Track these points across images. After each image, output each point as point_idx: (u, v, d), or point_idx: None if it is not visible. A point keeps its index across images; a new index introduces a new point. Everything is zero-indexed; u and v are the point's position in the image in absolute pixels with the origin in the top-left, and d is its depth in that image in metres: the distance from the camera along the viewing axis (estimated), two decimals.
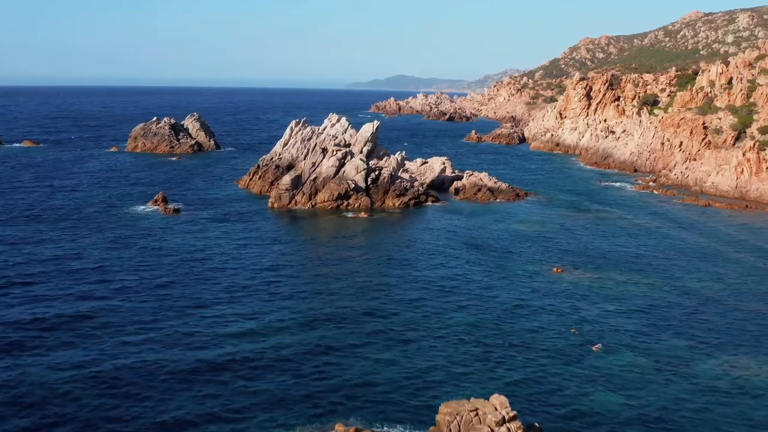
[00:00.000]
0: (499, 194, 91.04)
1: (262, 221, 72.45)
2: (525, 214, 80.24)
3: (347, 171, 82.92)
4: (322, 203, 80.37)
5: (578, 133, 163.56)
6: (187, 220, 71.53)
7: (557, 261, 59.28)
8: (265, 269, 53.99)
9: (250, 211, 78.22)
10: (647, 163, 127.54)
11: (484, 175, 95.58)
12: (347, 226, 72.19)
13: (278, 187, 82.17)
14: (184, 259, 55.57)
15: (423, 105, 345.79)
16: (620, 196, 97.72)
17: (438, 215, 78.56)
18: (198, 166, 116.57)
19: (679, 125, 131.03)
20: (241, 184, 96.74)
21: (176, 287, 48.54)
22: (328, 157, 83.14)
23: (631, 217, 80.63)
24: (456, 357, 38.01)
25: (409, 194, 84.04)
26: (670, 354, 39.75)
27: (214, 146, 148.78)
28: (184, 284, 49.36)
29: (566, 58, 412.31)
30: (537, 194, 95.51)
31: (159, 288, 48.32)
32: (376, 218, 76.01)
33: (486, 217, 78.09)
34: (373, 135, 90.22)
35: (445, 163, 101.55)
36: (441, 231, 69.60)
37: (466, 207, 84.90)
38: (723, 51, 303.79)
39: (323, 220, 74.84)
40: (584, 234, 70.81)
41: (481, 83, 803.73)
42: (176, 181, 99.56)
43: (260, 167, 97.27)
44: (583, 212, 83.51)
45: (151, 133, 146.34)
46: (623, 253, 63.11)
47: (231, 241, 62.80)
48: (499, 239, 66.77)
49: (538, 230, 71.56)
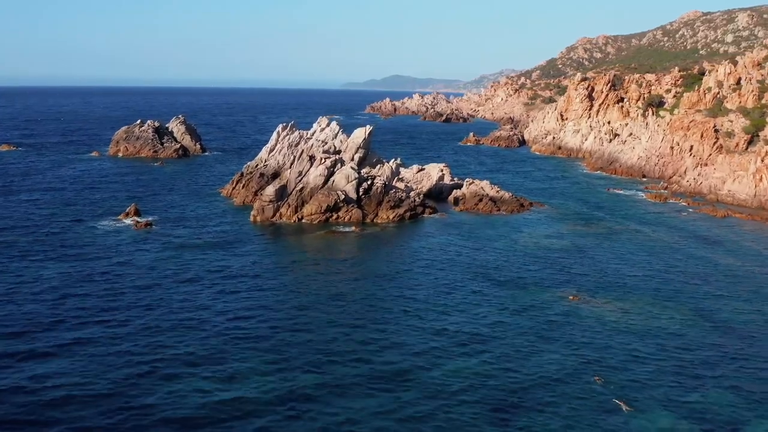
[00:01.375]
0: (501, 205, 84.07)
1: (241, 239, 65.36)
2: (531, 229, 73.28)
3: (337, 181, 75.91)
4: (309, 216, 73.36)
5: (581, 135, 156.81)
6: (158, 238, 64.40)
7: (571, 286, 52.43)
8: (239, 313, 46.95)
9: (230, 226, 71.18)
10: (656, 169, 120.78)
11: (486, 184, 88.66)
12: (335, 244, 65.17)
13: (261, 198, 75.10)
14: (142, 300, 48.15)
15: (419, 106, 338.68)
16: (631, 205, 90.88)
17: (436, 230, 71.54)
18: (180, 173, 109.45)
19: (689, 128, 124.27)
20: (224, 193, 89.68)
21: (125, 342, 41.47)
22: (315, 166, 76.06)
23: (648, 231, 73.71)
24: (460, 424, 31.12)
25: (404, 206, 77.05)
26: (715, 414, 32.93)
27: (200, 150, 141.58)
28: (135, 339, 42.30)
29: (563, 57, 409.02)
30: (542, 204, 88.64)
31: (96, 342, 41.28)
32: (367, 233, 69.03)
33: (489, 232, 71.11)
34: (365, 141, 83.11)
35: (443, 170, 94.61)
36: (440, 251, 62.41)
37: (467, 220, 77.91)
38: (723, 51, 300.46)
39: (309, 236, 67.78)
40: (598, 252, 63.87)
41: (477, 83, 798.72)
42: (154, 189, 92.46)
43: (244, 175, 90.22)
44: (593, 225, 76.62)
45: (133, 137, 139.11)
46: (645, 276, 56.14)
47: (203, 267, 55.61)
48: (506, 260, 59.74)
49: (547, 248, 64.57)
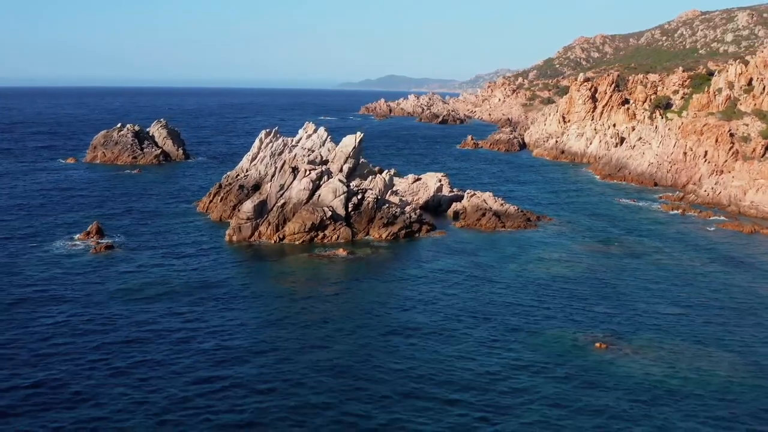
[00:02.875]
0: (506, 219, 76.04)
1: (213, 265, 57.17)
2: (541, 250, 65.18)
3: (323, 195, 67.81)
4: (292, 236, 65.24)
5: (585, 139, 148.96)
6: (116, 266, 56.16)
7: (594, 325, 44.49)
8: (201, 373, 38.91)
9: (203, 247, 63.06)
10: (668, 176, 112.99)
11: (488, 196, 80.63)
12: (319, 270, 56.99)
13: (238, 215, 66.93)
14: (82, 353, 40.19)
15: (414, 106, 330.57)
16: (648, 219, 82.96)
17: (434, 253, 63.34)
18: (157, 182, 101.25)
19: (702, 132, 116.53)
20: (200, 207, 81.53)
21: (54, 412, 33.38)
22: (299, 179, 67.89)
23: (672, 252, 65.74)
24: None
25: (398, 223, 68.98)
26: None
27: (183, 156, 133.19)
28: (70, 405, 34.17)
29: (561, 57, 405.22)
30: (550, 218, 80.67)
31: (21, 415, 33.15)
32: (357, 257, 60.91)
33: (494, 254, 63.02)
34: (355, 149, 74.97)
35: (441, 180, 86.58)
36: (439, 282, 53.98)
37: (469, 238, 69.81)
38: (723, 50, 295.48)
39: (290, 260, 59.60)
40: (620, 280, 55.85)
41: (472, 83, 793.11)
42: (125, 202, 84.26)
43: (222, 187, 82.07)
44: (609, 244, 68.64)
45: (112, 142, 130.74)
46: (682, 313, 47.83)
47: (162, 310, 47.44)
48: (515, 294, 51.47)
49: (562, 276, 56.43)
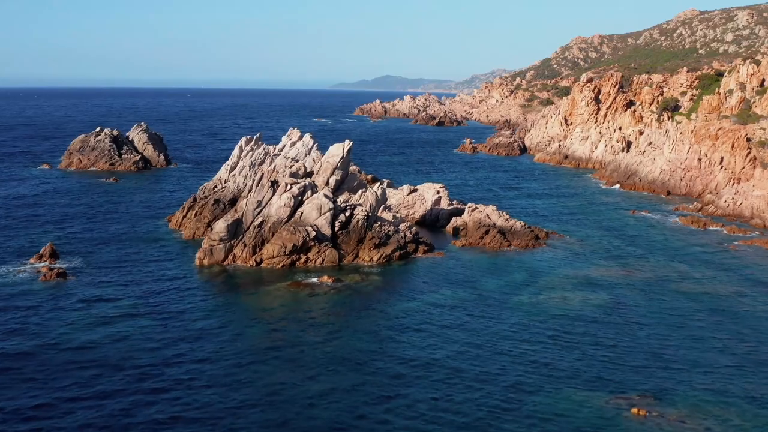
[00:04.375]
0: (512, 237, 68.25)
1: (175, 298, 49.22)
2: (553, 276, 57.24)
3: (306, 213, 59.91)
4: (270, 259, 57.36)
5: (590, 143, 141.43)
6: (65, 296, 48.24)
7: (627, 382, 36.73)
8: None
9: (168, 273, 55.14)
10: (682, 184, 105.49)
11: (491, 210, 72.86)
12: (300, 304, 49.03)
13: (210, 236, 58.96)
14: None
15: (410, 108, 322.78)
16: (667, 234, 75.28)
17: (432, 280, 55.29)
18: (131, 192, 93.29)
19: (717, 137, 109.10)
20: (173, 223, 73.59)
21: None
22: (279, 194, 59.94)
23: (702, 277, 57.95)
24: None
25: (392, 243, 61.13)
26: None
27: (164, 162, 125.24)
28: None
29: (558, 57, 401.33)
30: (560, 235, 72.91)
31: None
32: (344, 285, 53.00)
33: (500, 282, 55.08)
34: (343, 160, 67.07)
35: (440, 191, 78.78)
36: (436, 320, 45.74)
37: (471, 261, 61.93)
38: (723, 50, 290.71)
39: (267, 291, 51.60)
40: (649, 316, 47.91)
41: (468, 83, 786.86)
42: (91, 216, 76.30)
43: (196, 200, 74.18)
44: (629, 267, 60.87)
45: (88, 148, 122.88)
46: (735, 365, 39.75)
47: (111, 354, 39.65)
48: (526, 337, 43.41)
49: (580, 312, 48.37)
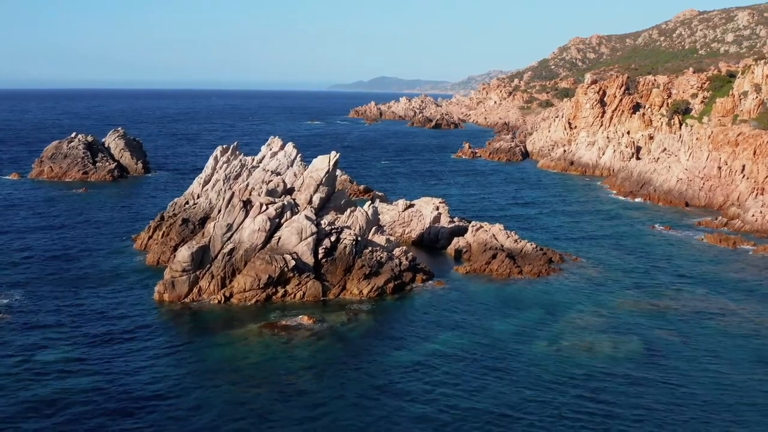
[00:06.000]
0: (523, 262, 59.65)
1: (130, 345, 40.60)
2: (574, 311, 48.61)
3: (284, 238, 51.27)
4: (242, 294, 48.71)
5: (597, 148, 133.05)
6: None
7: None
8: None
9: (122, 310, 46.52)
10: (701, 194, 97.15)
11: (498, 229, 64.31)
12: (274, 354, 40.26)
13: (171, 266, 50.26)
14: None
15: (406, 110, 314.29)
16: (694, 256, 66.74)
17: (434, 321, 46.47)
18: (100, 205, 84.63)
19: (738, 143, 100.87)
20: (138, 244, 64.94)
21: None
22: (252, 216, 51.27)
23: (743, 311, 49.13)
24: None
25: (385, 272, 52.49)
26: None
27: (142, 170, 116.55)
28: None
29: (556, 58, 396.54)
30: (575, 257, 64.37)
31: None
32: (327, 328, 44.31)
33: (512, 323, 46.33)
34: (329, 175, 58.41)
35: (439, 207, 70.21)
36: (442, 389, 37.28)
37: (476, 292, 53.25)
38: (723, 50, 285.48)
39: (236, 337, 42.79)
40: (692, 377, 39.44)
41: (465, 84, 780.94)
42: (44, 237, 67.53)
43: (164, 219, 65.55)
44: (660, 299, 52.29)
45: (60, 155, 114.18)
46: None
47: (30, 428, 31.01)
48: (550, 411, 34.69)
49: (612, 366, 39.70)
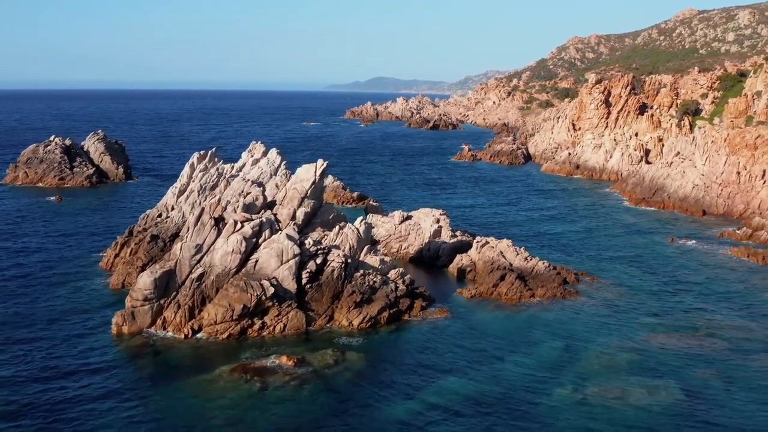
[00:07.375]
0: (535, 284, 52.87)
1: (78, 392, 33.73)
2: (597, 348, 41.71)
3: (263, 260, 44.40)
4: (212, 326, 41.85)
5: (604, 151, 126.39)
6: None
7: None
8: None
9: (76, 345, 39.69)
10: (719, 202, 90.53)
11: (506, 246, 57.50)
12: (246, 411, 33.36)
13: (131, 293, 43.37)
14: None
15: (403, 110, 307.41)
16: (722, 273, 59.98)
17: (434, 361, 39.39)
18: (72, 215, 77.84)
19: (756, 146, 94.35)
20: (104, 262, 57.98)
21: None
22: (225, 235, 44.41)
23: None
24: None
25: (378, 299, 45.68)
26: None
27: (123, 176, 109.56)
28: None
29: (554, 58, 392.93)
30: (592, 277, 57.63)
31: None
32: (310, 372, 37.33)
33: (528, 363, 39.29)
34: (315, 186, 51.55)
35: (440, 220, 63.42)
36: None
37: (484, 322, 46.38)
38: (724, 50, 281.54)
39: (203, 383, 35.89)
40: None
41: (462, 84, 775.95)
42: (10, 253, 60.72)
43: (133, 235, 58.64)
44: (697, 331, 45.43)
45: (36, 160, 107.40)
46: None
47: None
48: None
49: (649, 421, 33.24)
